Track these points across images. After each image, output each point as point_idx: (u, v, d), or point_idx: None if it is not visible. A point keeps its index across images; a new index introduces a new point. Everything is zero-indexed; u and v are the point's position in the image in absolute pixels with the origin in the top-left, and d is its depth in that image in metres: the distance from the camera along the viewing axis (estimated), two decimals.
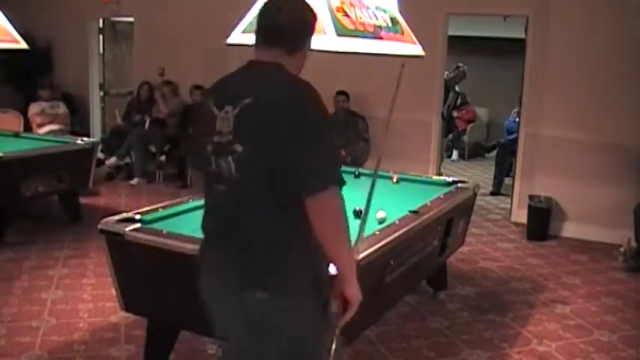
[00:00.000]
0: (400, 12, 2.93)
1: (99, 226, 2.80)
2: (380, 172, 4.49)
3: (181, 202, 3.29)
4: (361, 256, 2.42)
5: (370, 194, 2.28)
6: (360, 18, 2.60)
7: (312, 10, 1.93)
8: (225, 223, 1.84)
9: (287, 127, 1.69)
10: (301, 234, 1.75)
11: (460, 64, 8.95)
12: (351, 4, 2.58)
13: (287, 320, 1.79)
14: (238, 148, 1.75)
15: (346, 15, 2.53)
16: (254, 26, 1.92)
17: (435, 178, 4.54)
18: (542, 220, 5.78)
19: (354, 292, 1.82)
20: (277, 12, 1.85)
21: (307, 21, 1.91)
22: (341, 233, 1.76)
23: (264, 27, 1.87)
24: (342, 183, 1.73)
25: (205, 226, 1.95)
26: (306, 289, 1.80)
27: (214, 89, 1.96)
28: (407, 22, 2.93)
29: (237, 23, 2.70)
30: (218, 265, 1.86)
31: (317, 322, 1.85)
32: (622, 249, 5.09)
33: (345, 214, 1.75)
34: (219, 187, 1.82)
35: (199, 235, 2.61)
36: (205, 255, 1.94)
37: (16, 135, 6.17)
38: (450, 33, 6.61)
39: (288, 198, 1.72)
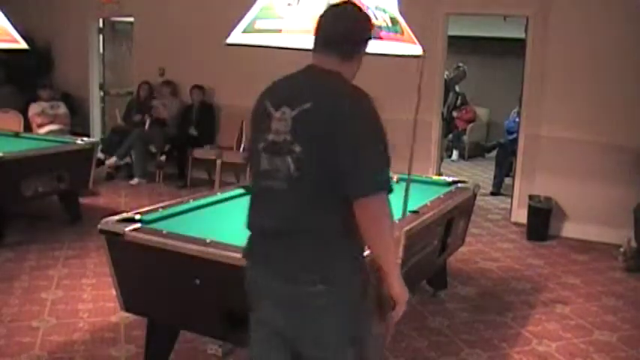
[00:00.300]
0: (400, 12, 2.93)
1: (99, 226, 2.79)
2: None
3: (181, 202, 3.29)
4: None
5: (406, 198, 2.40)
6: None
7: (368, 18, 2.04)
8: (282, 220, 1.89)
9: (342, 134, 1.78)
10: (351, 231, 1.85)
11: (460, 64, 8.95)
12: None
13: (337, 311, 1.87)
14: (297, 148, 1.83)
15: None
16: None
17: (435, 178, 4.54)
18: (542, 220, 5.78)
19: (399, 290, 1.89)
20: (336, 20, 1.97)
21: (363, 29, 2.01)
22: (384, 236, 1.83)
23: (323, 34, 1.96)
24: (390, 190, 1.81)
25: (254, 223, 1.98)
26: (354, 282, 1.90)
27: (271, 90, 2.01)
28: (407, 22, 2.93)
29: (237, 23, 2.70)
30: (273, 259, 1.90)
31: (360, 312, 1.93)
32: (622, 249, 5.08)
33: (392, 217, 1.83)
34: (275, 185, 1.88)
35: (199, 235, 2.63)
36: (256, 250, 1.98)
37: (16, 135, 6.18)
38: (450, 33, 6.61)
39: (340, 198, 1.82)
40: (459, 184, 4.14)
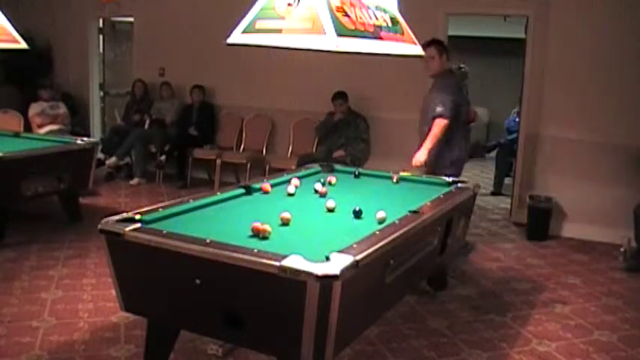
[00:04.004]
0: (400, 12, 2.93)
1: (99, 226, 2.79)
2: (380, 173, 4.51)
3: (181, 202, 3.28)
4: (361, 256, 2.42)
5: None
6: (360, 18, 2.60)
7: None
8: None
9: None
10: None
11: (462, 65, 8.93)
12: (351, 4, 2.58)
13: None
14: None
15: (346, 15, 2.53)
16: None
17: (435, 178, 4.53)
18: (542, 220, 5.78)
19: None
20: None
21: None
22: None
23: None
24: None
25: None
26: None
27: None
28: (407, 22, 2.93)
29: (237, 23, 2.70)
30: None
31: None
32: (622, 249, 5.09)
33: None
34: None
35: (199, 235, 2.63)
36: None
37: (16, 135, 6.18)
38: (450, 33, 6.61)
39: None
40: (459, 184, 4.14)
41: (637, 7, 5.46)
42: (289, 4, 2.52)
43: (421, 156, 4.60)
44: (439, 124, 4.65)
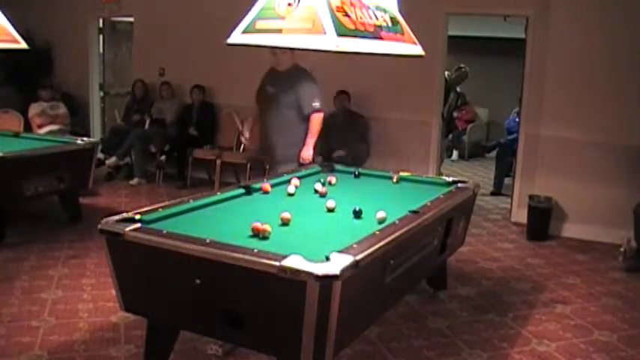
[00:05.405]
0: (400, 12, 2.93)
1: (99, 226, 2.79)
2: (380, 172, 4.51)
3: (181, 202, 3.28)
4: (361, 256, 2.42)
5: None
6: (361, 18, 2.60)
7: None
8: None
9: None
10: None
11: (462, 65, 8.95)
12: (352, 4, 2.58)
13: None
14: None
15: (346, 15, 2.53)
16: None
17: (435, 178, 4.53)
18: (542, 220, 5.78)
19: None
20: None
21: None
22: None
23: None
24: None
25: None
26: None
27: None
28: (407, 22, 2.94)
29: (238, 23, 2.70)
30: None
31: None
32: (622, 249, 5.08)
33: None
34: None
35: (199, 235, 2.63)
36: None
37: (16, 135, 6.17)
38: (450, 33, 6.61)
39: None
40: (459, 184, 4.13)
41: (636, 8, 5.46)
42: (289, 4, 2.52)
43: (307, 153, 4.80)
44: (319, 119, 4.82)
